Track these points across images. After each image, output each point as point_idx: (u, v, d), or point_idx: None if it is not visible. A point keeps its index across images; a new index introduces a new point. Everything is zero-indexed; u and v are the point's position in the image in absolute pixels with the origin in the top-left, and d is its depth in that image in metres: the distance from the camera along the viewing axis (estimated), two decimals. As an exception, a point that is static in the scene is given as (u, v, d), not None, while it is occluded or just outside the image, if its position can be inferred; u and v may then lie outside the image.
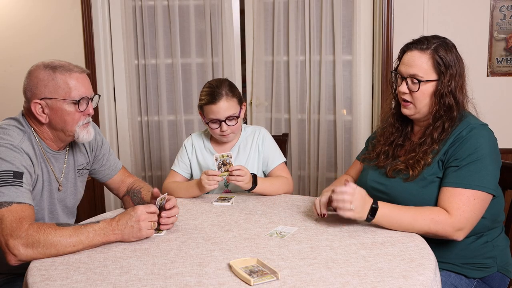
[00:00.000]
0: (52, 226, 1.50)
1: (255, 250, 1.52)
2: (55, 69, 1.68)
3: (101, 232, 1.53)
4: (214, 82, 2.14)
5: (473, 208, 1.60)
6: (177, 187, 2.15)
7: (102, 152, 1.99)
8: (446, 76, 1.70)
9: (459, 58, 1.74)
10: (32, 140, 1.71)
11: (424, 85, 1.71)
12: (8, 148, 1.60)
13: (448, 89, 1.69)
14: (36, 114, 1.69)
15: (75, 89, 1.69)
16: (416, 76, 1.71)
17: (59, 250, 1.48)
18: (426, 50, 1.71)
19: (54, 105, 1.68)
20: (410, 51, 1.74)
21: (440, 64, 1.70)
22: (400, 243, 1.55)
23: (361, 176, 1.95)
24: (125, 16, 3.23)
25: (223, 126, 2.08)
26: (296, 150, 3.28)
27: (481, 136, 1.65)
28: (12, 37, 3.27)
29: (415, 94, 1.72)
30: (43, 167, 1.73)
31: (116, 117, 3.38)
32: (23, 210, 1.52)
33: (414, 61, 1.72)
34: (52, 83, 1.67)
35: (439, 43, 1.72)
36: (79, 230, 1.51)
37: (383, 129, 1.91)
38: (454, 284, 1.69)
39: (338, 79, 3.12)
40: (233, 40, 3.24)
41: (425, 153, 1.71)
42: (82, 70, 1.73)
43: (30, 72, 1.70)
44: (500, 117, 2.94)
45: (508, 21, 2.90)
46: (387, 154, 1.85)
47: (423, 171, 1.70)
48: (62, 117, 1.69)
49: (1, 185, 1.52)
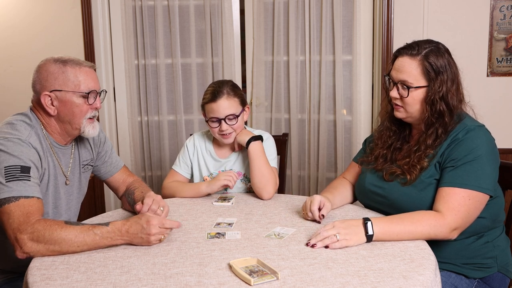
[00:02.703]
0: (60, 223, 1.51)
1: (255, 250, 1.52)
2: (66, 62, 1.72)
3: (109, 236, 1.52)
4: (217, 82, 2.15)
5: (468, 208, 1.60)
6: (181, 186, 2.15)
7: (105, 149, 2.01)
8: (436, 82, 1.68)
9: (451, 63, 1.72)
10: (40, 134, 1.73)
11: (414, 91, 1.70)
12: (15, 143, 1.62)
13: (439, 95, 1.68)
14: (46, 106, 1.72)
15: (84, 82, 1.73)
16: (406, 83, 1.71)
17: (63, 248, 1.48)
18: (416, 56, 1.70)
19: (63, 97, 1.72)
20: (401, 57, 1.73)
21: (429, 70, 1.68)
22: (400, 243, 1.55)
23: (359, 179, 1.94)
24: (125, 16, 3.23)
25: (223, 125, 2.08)
26: (296, 150, 3.28)
27: (478, 137, 1.65)
28: (12, 37, 3.27)
29: (406, 99, 1.72)
30: (49, 161, 1.75)
31: (116, 117, 3.38)
32: (31, 204, 1.54)
33: (404, 67, 1.71)
34: (62, 76, 1.71)
35: (431, 48, 1.71)
36: (86, 231, 1.51)
37: (380, 132, 1.91)
38: (454, 284, 1.69)
39: (338, 79, 3.12)
40: (233, 40, 3.24)
41: (420, 158, 1.70)
42: (91, 66, 1.79)
43: (40, 66, 1.74)
44: (500, 117, 2.94)
45: (508, 21, 2.90)
46: (385, 158, 1.84)
47: (420, 175, 1.69)
48: (71, 109, 1.73)
49: (9, 180, 1.55)
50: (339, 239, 1.51)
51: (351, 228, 1.54)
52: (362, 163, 1.94)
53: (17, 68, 3.27)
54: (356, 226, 1.55)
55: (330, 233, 1.52)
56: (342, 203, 1.95)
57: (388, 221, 1.59)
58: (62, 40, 3.23)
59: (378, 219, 1.59)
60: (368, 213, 1.83)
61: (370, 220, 1.56)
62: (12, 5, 3.24)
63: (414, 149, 1.75)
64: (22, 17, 3.25)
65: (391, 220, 1.59)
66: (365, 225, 1.55)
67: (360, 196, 1.94)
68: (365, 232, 1.54)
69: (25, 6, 3.24)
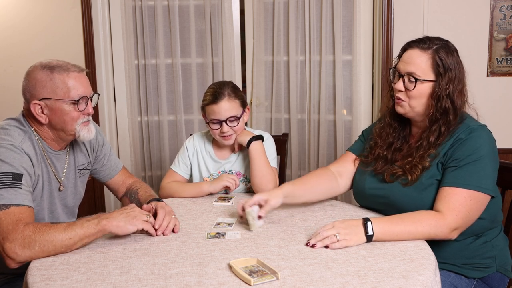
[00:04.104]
0: (46, 224, 1.51)
1: (255, 250, 1.52)
2: (53, 69, 1.67)
3: (95, 220, 1.53)
4: (217, 83, 2.15)
5: (469, 209, 1.59)
6: (181, 186, 2.15)
7: (103, 152, 1.99)
8: (444, 78, 1.68)
9: (459, 63, 1.72)
10: (33, 140, 1.71)
11: (421, 85, 1.69)
12: (8, 149, 1.60)
13: (445, 92, 1.67)
14: (36, 114, 1.68)
15: (73, 89, 1.68)
16: (414, 74, 1.69)
17: (56, 245, 1.47)
18: (427, 49, 1.70)
19: (53, 105, 1.68)
20: (411, 49, 1.72)
21: (439, 65, 1.68)
22: (400, 243, 1.55)
23: (358, 181, 1.91)
24: (125, 16, 3.23)
25: (224, 127, 2.08)
26: (296, 150, 3.28)
27: (480, 137, 1.65)
28: (12, 37, 3.27)
29: (410, 92, 1.71)
30: (43, 167, 1.73)
31: (116, 117, 3.38)
32: (21, 212, 1.51)
33: (413, 59, 1.70)
34: (50, 83, 1.66)
35: (442, 45, 1.71)
36: (73, 223, 1.52)
37: (380, 128, 1.88)
38: (453, 284, 1.69)
39: (338, 79, 3.12)
40: (233, 40, 3.24)
41: (422, 158, 1.69)
42: (80, 69, 1.72)
43: (28, 73, 1.70)
44: (500, 117, 2.94)
45: (508, 21, 2.90)
46: (385, 159, 1.82)
47: (421, 176, 1.69)
48: (61, 117, 1.69)
49: (0, 187, 1.52)
50: (339, 239, 1.51)
51: (351, 228, 1.54)
52: (361, 164, 1.93)
53: (17, 68, 3.26)
54: (356, 226, 1.55)
55: (329, 233, 1.52)
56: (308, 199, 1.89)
57: (388, 221, 1.59)
58: (62, 40, 3.23)
59: (378, 219, 1.59)
60: (368, 213, 1.83)
61: (370, 220, 1.56)
62: (12, 5, 3.24)
63: (416, 146, 1.74)
64: (22, 17, 3.24)
65: (391, 220, 1.59)
66: (365, 225, 1.55)
67: (359, 199, 1.92)
68: (365, 232, 1.54)
69: (25, 6, 3.24)
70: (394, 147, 1.83)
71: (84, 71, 1.74)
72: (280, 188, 1.82)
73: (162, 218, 1.66)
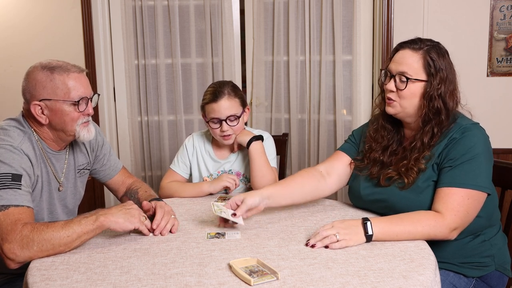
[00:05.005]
0: (44, 223, 1.51)
1: (255, 250, 1.52)
2: (53, 69, 1.67)
3: (93, 217, 1.53)
4: (217, 83, 2.15)
5: (467, 208, 1.60)
6: (181, 185, 2.15)
7: (103, 152, 1.99)
8: (435, 78, 1.68)
9: (450, 64, 1.72)
10: (33, 141, 1.70)
11: (412, 84, 1.69)
12: (7, 150, 1.59)
13: (437, 92, 1.68)
14: (36, 115, 1.68)
15: (73, 89, 1.68)
16: (405, 74, 1.69)
17: (55, 244, 1.47)
18: (418, 50, 1.70)
19: (53, 106, 1.68)
20: (402, 50, 1.73)
21: (430, 65, 1.68)
22: (400, 243, 1.55)
23: (353, 184, 1.90)
24: (125, 16, 3.23)
25: (224, 125, 2.08)
26: (296, 150, 3.28)
27: (474, 136, 1.65)
28: (12, 37, 3.27)
29: (402, 92, 1.70)
30: (42, 167, 1.73)
31: (116, 117, 3.38)
32: (20, 213, 1.51)
33: (405, 59, 1.71)
34: (50, 84, 1.66)
35: (433, 45, 1.71)
36: (71, 221, 1.52)
37: (374, 131, 1.86)
38: (453, 283, 1.69)
39: (338, 79, 3.12)
40: (233, 40, 3.24)
41: (417, 160, 1.69)
42: (80, 70, 1.72)
43: (28, 74, 1.69)
44: (499, 117, 2.94)
45: (508, 21, 2.90)
46: (381, 163, 1.81)
47: (418, 178, 1.68)
48: (61, 117, 1.69)
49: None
50: (338, 239, 1.51)
51: (351, 228, 1.54)
52: (356, 168, 1.90)
53: (17, 68, 3.26)
54: (356, 226, 1.55)
55: (329, 232, 1.52)
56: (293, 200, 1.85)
57: (388, 221, 1.59)
58: (62, 40, 3.23)
59: (378, 219, 1.59)
60: (368, 213, 1.83)
61: (369, 220, 1.56)
62: (12, 5, 3.24)
63: (410, 148, 1.74)
64: (22, 17, 3.24)
65: (391, 220, 1.59)
66: (365, 225, 1.55)
67: (356, 202, 1.92)
68: (365, 232, 1.54)
69: (25, 6, 3.24)
70: (390, 151, 1.82)
71: (84, 72, 1.74)
72: (260, 189, 1.79)
73: (160, 218, 1.66)
